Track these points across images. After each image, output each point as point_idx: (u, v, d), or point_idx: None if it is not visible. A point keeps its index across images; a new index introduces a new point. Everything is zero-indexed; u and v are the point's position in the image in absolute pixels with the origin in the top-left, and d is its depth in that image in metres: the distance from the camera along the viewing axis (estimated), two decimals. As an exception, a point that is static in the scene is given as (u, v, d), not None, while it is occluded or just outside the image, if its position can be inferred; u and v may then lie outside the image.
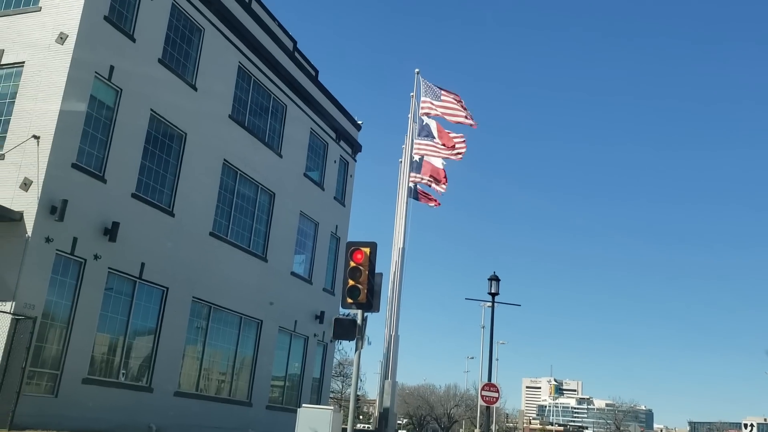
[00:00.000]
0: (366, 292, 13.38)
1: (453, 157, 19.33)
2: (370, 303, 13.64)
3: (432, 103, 19.11)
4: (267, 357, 24.18)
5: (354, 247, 13.71)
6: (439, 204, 20.93)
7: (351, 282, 13.45)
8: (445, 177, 20.22)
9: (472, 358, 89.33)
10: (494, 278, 27.93)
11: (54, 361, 15.54)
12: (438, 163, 20.06)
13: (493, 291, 27.93)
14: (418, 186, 20.47)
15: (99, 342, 16.87)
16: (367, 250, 13.59)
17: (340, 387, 62.02)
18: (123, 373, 17.72)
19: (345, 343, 47.37)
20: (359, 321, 13.61)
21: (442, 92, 19.21)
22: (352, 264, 13.50)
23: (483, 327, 57.48)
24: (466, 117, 19.03)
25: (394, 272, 18.48)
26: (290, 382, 26.30)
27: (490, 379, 28.52)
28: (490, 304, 29.17)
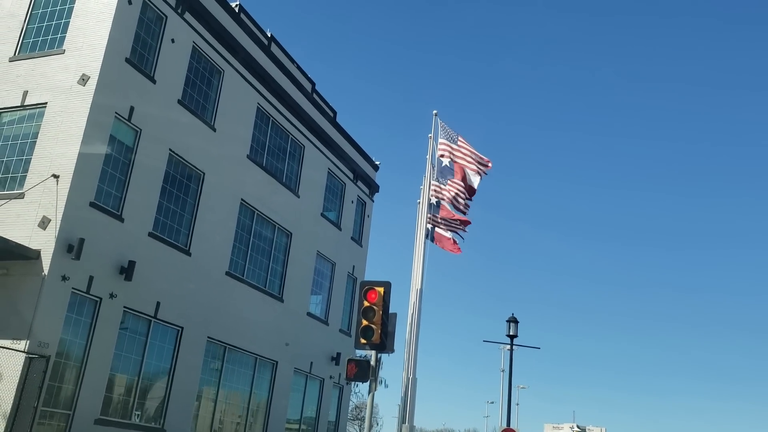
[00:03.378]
0: (380, 333, 13.14)
1: (468, 199, 19.19)
2: (384, 344, 13.38)
3: (450, 147, 19.10)
4: (282, 399, 23.87)
5: (368, 286, 13.52)
6: (461, 251, 20.44)
7: (364, 322, 13.23)
8: (462, 223, 19.85)
9: (492, 402, 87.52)
10: (513, 320, 27.57)
11: (66, 401, 15.42)
12: (459, 205, 19.82)
13: (511, 333, 27.55)
14: (436, 229, 20.23)
15: (112, 382, 16.77)
16: (381, 289, 13.40)
17: (357, 431, 61.02)
18: (137, 414, 17.55)
19: (362, 385, 46.76)
20: (373, 362, 13.38)
21: (459, 138, 19.20)
22: (366, 303, 13.30)
23: (503, 370, 56.46)
24: (481, 163, 18.94)
25: (412, 314, 18.21)
26: (305, 425, 25.90)
27: (509, 424, 27.89)
28: (509, 346, 28.73)
